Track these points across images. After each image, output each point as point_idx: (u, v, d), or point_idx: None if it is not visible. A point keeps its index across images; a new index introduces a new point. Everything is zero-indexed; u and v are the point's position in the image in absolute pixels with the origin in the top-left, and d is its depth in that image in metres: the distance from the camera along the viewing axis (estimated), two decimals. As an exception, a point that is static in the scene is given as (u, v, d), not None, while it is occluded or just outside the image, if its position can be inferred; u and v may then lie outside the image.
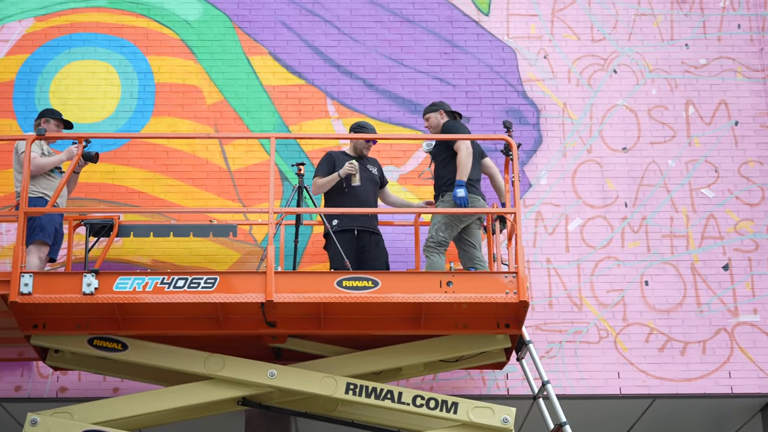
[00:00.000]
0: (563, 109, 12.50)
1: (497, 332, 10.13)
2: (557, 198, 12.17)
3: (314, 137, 12.21)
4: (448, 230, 10.43)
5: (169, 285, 9.70)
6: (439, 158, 10.72)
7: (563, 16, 12.85)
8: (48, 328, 9.96)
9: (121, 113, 12.31)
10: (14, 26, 12.58)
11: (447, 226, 10.42)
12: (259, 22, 12.71)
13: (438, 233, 10.40)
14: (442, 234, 10.40)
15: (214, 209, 11.81)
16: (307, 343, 10.37)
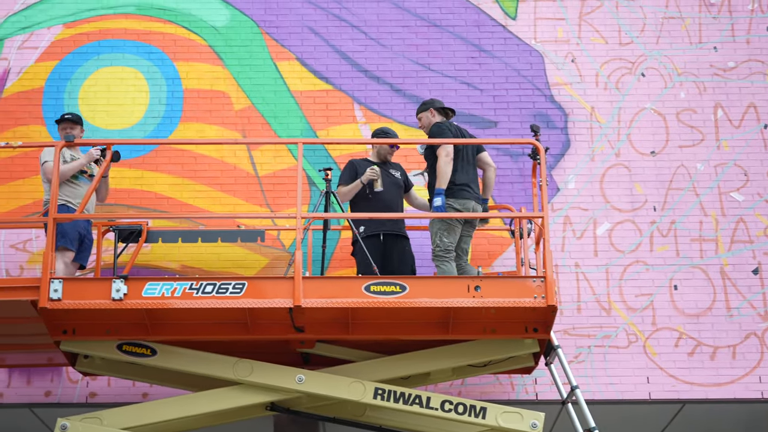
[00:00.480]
0: (591, 112, 12.47)
1: (525, 337, 10.10)
2: (585, 202, 12.13)
3: (341, 142, 12.22)
4: (451, 235, 10.36)
5: (197, 290, 9.72)
6: (429, 161, 10.64)
7: (590, 20, 12.82)
8: (77, 334, 10.00)
9: (150, 119, 12.36)
10: (43, 33, 12.65)
11: (449, 231, 10.37)
12: (287, 27, 12.73)
13: (442, 240, 10.33)
14: (446, 240, 10.32)
15: (242, 214, 11.83)
16: (336, 348, 10.37)
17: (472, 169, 10.64)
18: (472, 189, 10.50)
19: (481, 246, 11.88)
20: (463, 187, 10.45)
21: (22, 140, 11.60)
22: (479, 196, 10.60)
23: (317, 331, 10.03)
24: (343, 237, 11.81)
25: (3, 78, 12.46)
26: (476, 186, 10.60)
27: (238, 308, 9.71)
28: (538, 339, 10.17)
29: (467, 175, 10.53)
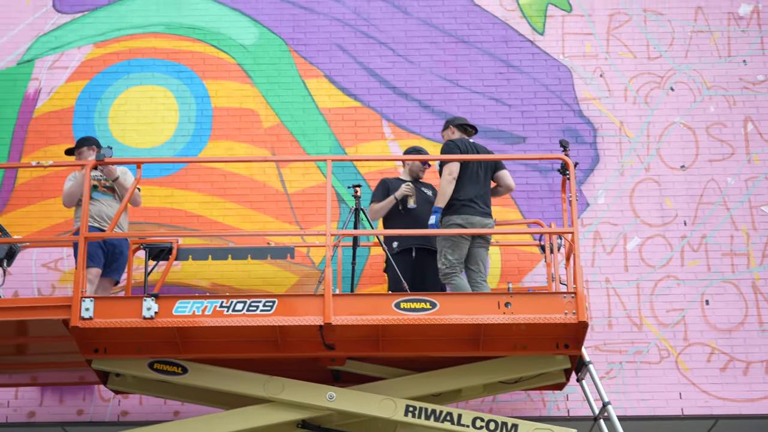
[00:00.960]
0: (620, 127, 12.44)
1: (556, 353, 10.06)
2: (615, 217, 12.09)
3: (370, 159, 12.24)
4: (456, 252, 10.31)
5: (228, 308, 9.74)
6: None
7: (619, 34, 12.80)
8: (109, 352, 10.03)
9: (179, 137, 12.41)
10: (73, 53, 12.73)
11: (453, 248, 10.33)
12: (315, 45, 12.77)
13: (447, 257, 10.31)
14: (451, 257, 10.29)
15: (271, 232, 11.85)
16: (366, 365, 10.36)
17: (481, 185, 10.54)
18: (477, 204, 10.42)
19: (511, 262, 11.86)
20: (467, 202, 10.40)
21: (53, 160, 11.66)
22: (487, 210, 10.50)
23: (348, 349, 10.02)
24: (373, 254, 11.81)
25: (34, 98, 12.54)
26: (484, 201, 10.49)
27: (269, 326, 9.72)
28: (569, 355, 10.13)
29: (474, 191, 10.46)
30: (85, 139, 11.00)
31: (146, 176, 11.96)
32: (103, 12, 12.88)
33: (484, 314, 9.65)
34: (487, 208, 10.49)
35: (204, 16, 12.85)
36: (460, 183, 10.41)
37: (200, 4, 12.90)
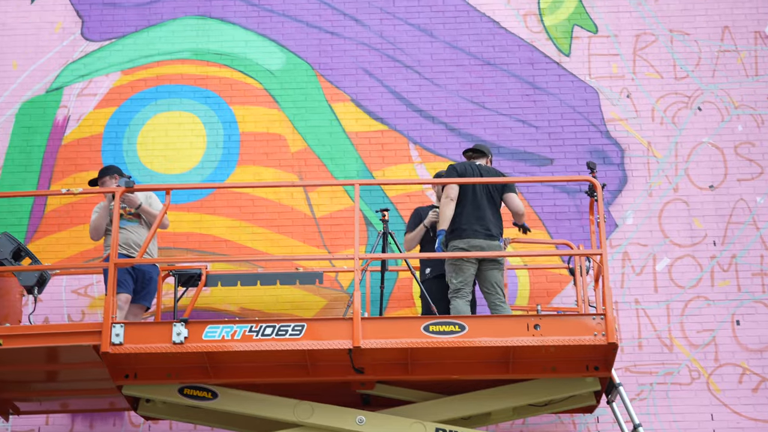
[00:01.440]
0: (648, 148, 12.41)
1: (586, 375, 10.01)
2: (644, 238, 12.06)
3: (398, 182, 12.26)
4: (459, 275, 10.26)
5: (257, 333, 9.75)
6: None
7: (645, 55, 12.79)
8: (139, 378, 10.04)
9: (207, 163, 12.46)
10: (102, 80, 12.81)
11: (456, 272, 10.28)
12: (341, 69, 12.81)
13: (452, 280, 10.28)
14: (455, 280, 10.25)
15: (300, 257, 11.87)
16: (395, 389, 10.34)
17: (484, 208, 10.45)
18: (480, 227, 10.36)
19: (539, 284, 11.84)
20: (469, 226, 10.33)
21: (83, 186, 11.73)
22: (491, 232, 10.39)
23: (377, 372, 10.01)
24: (401, 277, 11.82)
25: (63, 125, 12.63)
26: (488, 224, 10.37)
27: (298, 350, 9.72)
28: (599, 377, 10.09)
29: (476, 214, 10.40)
30: (107, 168, 11.04)
31: (175, 202, 12.00)
32: (130, 39, 12.97)
33: (514, 336, 9.62)
34: (491, 231, 10.37)
35: (231, 42, 12.92)
36: (462, 207, 10.38)
37: (227, 30, 12.97)
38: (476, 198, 10.44)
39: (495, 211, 10.48)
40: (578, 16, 12.97)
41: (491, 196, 10.50)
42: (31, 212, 12.25)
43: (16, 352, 9.93)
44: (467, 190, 10.42)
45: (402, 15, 13.00)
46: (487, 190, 10.49)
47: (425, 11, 13.02)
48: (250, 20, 13.00)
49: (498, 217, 10.48)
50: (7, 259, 10.54)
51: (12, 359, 10.10)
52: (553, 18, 12.97)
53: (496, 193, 10.53)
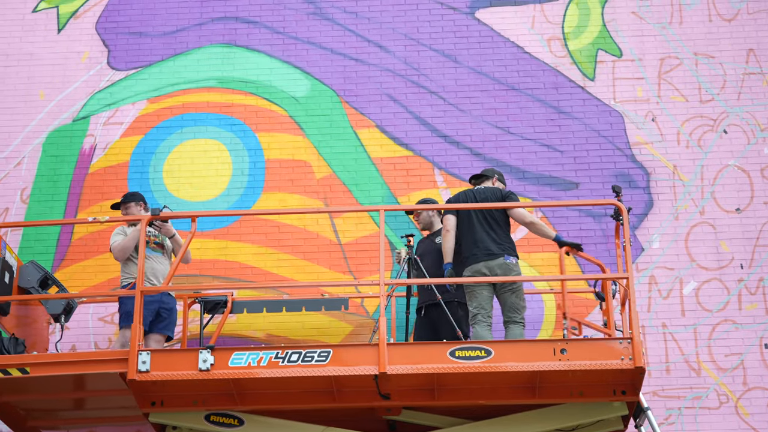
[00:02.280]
0: (673, 171, 12.38)
1: (614, 399, 9.97)
2: (671, 261, 12.01)
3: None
4: (474, 300, 10.28)
5: (283, 359, 9.75)
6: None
7: (670, 78, 12.77)
8: (165, 405, 10.06)
9: (233, 190, 12.50)
10: (128, 109, 12.90)
11: (471, 297, 10.31)
12: (366, 95, 12.84)
13: (469, 308, 10.33)
14: (470, 306, 10.30)
15: (325, 283, 11.87)
16: (422, 415, 10.31)
17: (477, 231, 10.44)
18: (477, 251, 10.35)
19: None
20: (468, 253, 10.38)
21: (109, 215, 11.78)
22: (491, 251, 10.34)
23: (403, 398, 9.99)
24: (427, 302, 11.79)
25: (90, 154, 12.71)
26: (485, 243, 10.33)
27: (324, 376, 9.72)
28: (626, 401, 10.03)
29: (470, 238, 10.42)
30: (132, 194, 11.09)
31: (201, 229, 12.05)
32: (156, 68, 13.05)
33: (540, 361, 9.60)
34: (491, 250, 10.34)
35: (256, 70, 12.99)
36: (461, 235, 10.47)
37: (252, 58, 13.03)
38: (470, 222, 10.48)
39: (494, 230, 10.45)
40: (602, 40, 12.98)
41: (486, 217, 10.50)
42: (58, 241, 12.32)
43: (44, 380, 9.98)
44: (462, 218, 10.52)
45: (426, 41, 13.03)
46: (481, 211, 10.51)
47: (449, 37, 13.05)
48: (275, 48, 13.07)
49: (501, 233, 10.44)
50: (35, 287, 10.61)
51: (39, 387, 10.15)
52: (577, 42, 12.98)
53: (487, 213, 10.53)
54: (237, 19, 13.19)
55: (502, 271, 10.26)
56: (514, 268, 10.30)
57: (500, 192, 10.59)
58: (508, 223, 10.53)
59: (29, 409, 10.65)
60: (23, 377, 9.87)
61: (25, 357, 10.04)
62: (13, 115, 12.87)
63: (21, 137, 12.78)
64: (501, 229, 10.45)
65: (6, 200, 12.50)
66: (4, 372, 9.86)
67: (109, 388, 10.13)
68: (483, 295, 10.27)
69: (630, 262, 9.89)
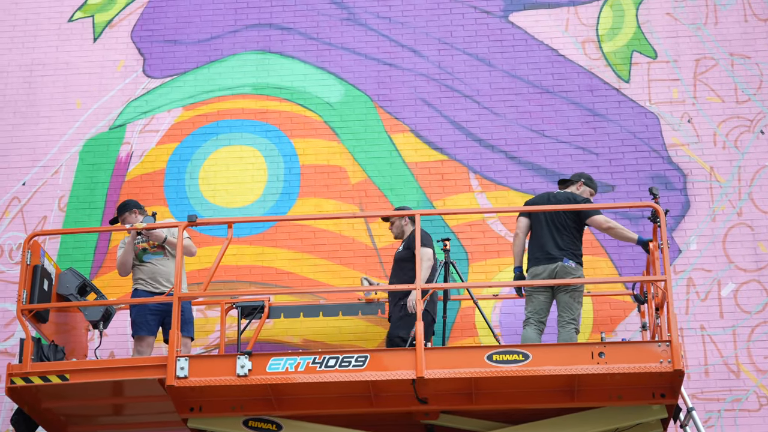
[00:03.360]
0: (710, 172, 12.31)
1: (653, 403, 9.92)
2: (708, 263, 11.94)
3: (458, 212, 12.25)
4: (530, 305, 10.35)
5: (320, 364, 9.77)
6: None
7: (705, 79, 12.71)
8: (204, 411, 10.10)
9: (269, 196, 12.54)
10: (164, 116, 12.96)
11: (527, 302, 10.39)
12: (400, 100, 12.85)
13: (525, 310, 10.38)
14: (526, 311, 10.36)
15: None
16: (460, 419, 10.30)
17: (543, 234, 10.45)
18: (540, 254, 10.39)
19: (603, 311, 11.76)
20: (531, 255, 10.45)
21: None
22: (549, 254, 10.35)
23: (441, 402, 9.99)
24: (464, 306, 11.79)
25: (126, 162, 12.78)
26: (546, 247, 10.35)
27: (362, 381, 9.73)
28: (665, 404, 9.99)
29: (538, 242, 10.46)
30: (125, 204, 11.06)
31: (237, 235, 12.09)
32: (191, 75, 13.11)
33: (578, 365, 9.57)
34: (551, 253, 10.36)
35: (290, 76, 13.02)
36: (530, 237, 10.54)
37: (286, 64, 13.07)
38: (540, 226, 10.49)
39: (559, 233, 10.45)
40: (637, 41, 12.93)
41: (555, 221, 10.50)
42: (96, 248, 12.39)
43: (83, 387, 10.05)
44: (533, 221, 10.57)
45: (460, 45, 13.03)
46: (551, 215, 10.51)
47: (483, 41, 13.04)
48: (309, 54, 13.10)
49: (567, 238, 10.43)
50: (73, 294, 10.68)
51: (79, 394, 10.22)
52: (611, 44, 12.94)
53: (564, 216, 10.51)
54: (271, 25, 13.24)
55: (560, 274, 10.27)
56: (572, 271, 10.30)
57: (575, 198, 10.58)
58: (580, 228, 10.51)
59: (69, 415, 10.72)
60: (63, 384, 9.94)
61: (65, 364, 10.12)
62: (50, 124, 12.96)
63: (58, 146, 12.87)
64: (568, 233, 10.45)
65: (44, 208, 12.59)
66: (44, 379, 9.94)
67: (148, 394, 10.18)
68: (539, 299, 10.30)
69: (668, 264, 9.84)
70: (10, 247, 12.43)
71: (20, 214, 12.57)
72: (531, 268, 10.40)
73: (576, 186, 10.80)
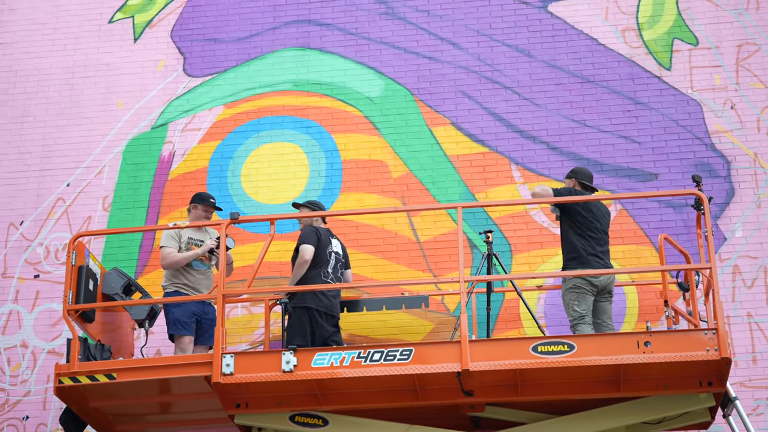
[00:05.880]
0: (754, 159, 12.21)
1: (700, 391, 9.85)
2: (754, 250, 11.85)
3: (501, 204, 12.21)
4: (582, 303, 10.23)
5: (365, 359, 9.78)
6: (560, 227, 10.55)
7: (748, 65, 12.60)
8: (250, 407, 10.13)
9: (311, 192, 12.57)
10: (205, 115, 13.02)
11: (579, 300, 10.21)
12: (440, 93, 12.84)
13: (574, 310, 10.20)
14: (578, 308, 10.19)
15: (405, 281, 11.89)
16: (506, 411, 10.28)
17: (604, 240, 10.43)
18: (602, 260, 10.33)
19: (649, 300, 11.69)
20: (591, 258, 10.28)
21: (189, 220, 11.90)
22: (609, 265, 10.42)
23: (486, 394, 9.97)
24: (508, 298, 11.77)
25: (168, 161, 12.85)
26: (608, 257, 10.41)
27: (407, 374, 9.73)
28: (713, 393, 9.92)
29: (600, 247, 10.37)
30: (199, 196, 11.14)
31: (279, 231, 12.11)
32: (231, 73, 13.16)
33: (624, 354, 9.52)
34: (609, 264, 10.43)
35: (330, 72, 13.04)
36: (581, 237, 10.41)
37: (326, 60, 13.09)
38: (594, 229, 10.43)
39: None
40: (678, 29, 12.84)
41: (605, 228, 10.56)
42: (141, 247, 12.47)
43: (130, 385, 10.12)
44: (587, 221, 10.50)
45: (499, 37, 12.99)
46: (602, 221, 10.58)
47: (522, 32, 13.00)
48: (348, 49, 13.11)
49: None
50: (119, 293, 10.75)
51: (126, 392, 10.29)
52: (652, 32, 12.86)
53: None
54: (310, 22, 13.26)
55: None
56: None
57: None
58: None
59: (117, 414, 10.79)
60: (110, 383, 10.02)
61: (112, 363, 10.19)
62: (92, 125, 13.06)
63: (101, 146, 12.96)
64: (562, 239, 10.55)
65: (88, 209, 12.69)
66: (91, 378, 10.02)
67: (194, 392, 10.24)
68: (591, 300, 10.24)
69: (712, 251, 9.76)
70: (55, 247, 12.54)
71: (65, 215, 12.68)
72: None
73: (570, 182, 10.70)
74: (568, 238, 10.34)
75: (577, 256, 10.26)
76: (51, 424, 11.72)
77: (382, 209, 12.27)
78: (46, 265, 12.48)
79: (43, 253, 12.53)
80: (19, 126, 13.14)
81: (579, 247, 10.24)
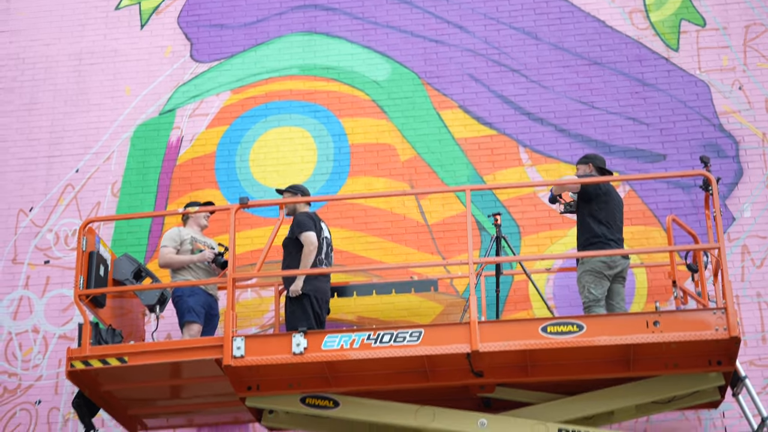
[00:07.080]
0: (762, 139, 12.20)
1: (709, 370, 9.89)
2: (763, 230, 11.85)
3: (509, 186, 12.21)
4: (599, 287, 10.24)
5: (375, 341, 9.82)
6: (579, 213, 10.57)
7: (756, 45, 12.59)
8: (261, 389, 10.19)
9: (319, 176, 12.58)
10: (212, 100, 13.03)
11: (596, 284, 10.23)
12: (447, 76, 12.84)
13: (590, 293, 10.22)
14: (594, 292, 10.21)
15: (414, 264, 11.87)
16: (515, 391, 10.32)
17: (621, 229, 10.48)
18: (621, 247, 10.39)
19: (658, 280, 11.70)
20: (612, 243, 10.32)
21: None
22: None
23: (496, 375, 10.00)
24: (517, 280, 11.78)
25: (177, 146, 12.87)
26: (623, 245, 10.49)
27: (417, 356, 9.76)
28: (722, 372, 9.94)
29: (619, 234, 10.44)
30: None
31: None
32: (238, 59, 13.17)
33: (633, 334, 9.55)
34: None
35: (337, 56, 13.04)
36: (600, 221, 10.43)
37: (333, 45, 13.09)
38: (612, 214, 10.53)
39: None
40: (685, 10, 12.83)
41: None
42: (150, 232, 12.50)
43: (142, 369, 10.16)
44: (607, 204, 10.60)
45: (506, 19, 12.99)
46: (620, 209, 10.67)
47: (529, 14, 13.00)
48: (355, 33, 13.11)
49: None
50: (129, 279, 10.78)
51: (138, 376, 10.33)
52: (659, 14, 12.85)
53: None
54: (316, 6, 13.26)
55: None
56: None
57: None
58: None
59: (129, 398, 10.84)
60: (122, 366, 10.06)
61: (123, 346, 10.23)
62: (100, 111, 13.08)
63: (109, 132, 12.99)
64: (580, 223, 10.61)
65: (97, 194, 12.72)
66: (103, 362, 10.06)
67: (205, 375, 10.28)
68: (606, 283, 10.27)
69: (721, 232, 9.79)
70: (65, 233, 12.58)
71: (74, 201, 12.71)
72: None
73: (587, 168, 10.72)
74: (587, 224, 10.35)
75: (597, 240, 10.27)
76: (63, 408, 11.77)
77: (391, 193, 12.27)
78: (56, 250, 12.51)
79: (53, 239, 12.57)
80: (27, 113, 13.17)
81: (599, 232, 10.26)
